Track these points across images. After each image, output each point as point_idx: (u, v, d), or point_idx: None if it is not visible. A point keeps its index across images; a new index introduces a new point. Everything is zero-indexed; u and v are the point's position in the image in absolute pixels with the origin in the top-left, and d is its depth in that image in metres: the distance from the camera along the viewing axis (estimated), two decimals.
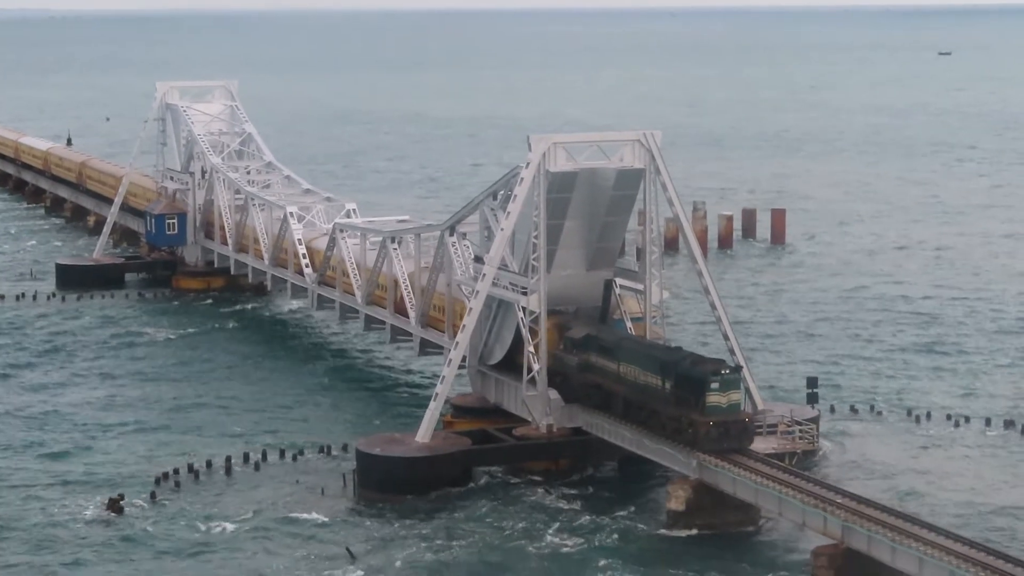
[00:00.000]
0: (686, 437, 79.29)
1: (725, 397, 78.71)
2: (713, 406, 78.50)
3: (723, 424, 78.47)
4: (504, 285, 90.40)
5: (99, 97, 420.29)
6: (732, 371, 79.97)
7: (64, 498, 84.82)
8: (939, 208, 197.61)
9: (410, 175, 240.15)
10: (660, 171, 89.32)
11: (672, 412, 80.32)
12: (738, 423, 79.05)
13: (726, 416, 78.64)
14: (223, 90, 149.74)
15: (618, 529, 79.30)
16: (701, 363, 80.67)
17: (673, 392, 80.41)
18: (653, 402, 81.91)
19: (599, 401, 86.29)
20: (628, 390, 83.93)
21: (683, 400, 79.76)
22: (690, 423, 78.89)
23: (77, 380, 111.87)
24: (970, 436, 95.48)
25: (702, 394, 78.57)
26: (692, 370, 79.83)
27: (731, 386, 79.05)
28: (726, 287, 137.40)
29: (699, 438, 78.48)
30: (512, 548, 77.16)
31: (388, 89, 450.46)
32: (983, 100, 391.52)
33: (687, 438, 79.23)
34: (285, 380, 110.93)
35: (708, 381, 78.42)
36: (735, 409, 79.42)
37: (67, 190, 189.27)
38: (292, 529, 79.98)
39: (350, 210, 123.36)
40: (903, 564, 67.73)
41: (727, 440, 78.53)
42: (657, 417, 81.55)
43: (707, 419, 78.30)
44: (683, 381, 79.90)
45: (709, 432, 78.23)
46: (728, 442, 78.51)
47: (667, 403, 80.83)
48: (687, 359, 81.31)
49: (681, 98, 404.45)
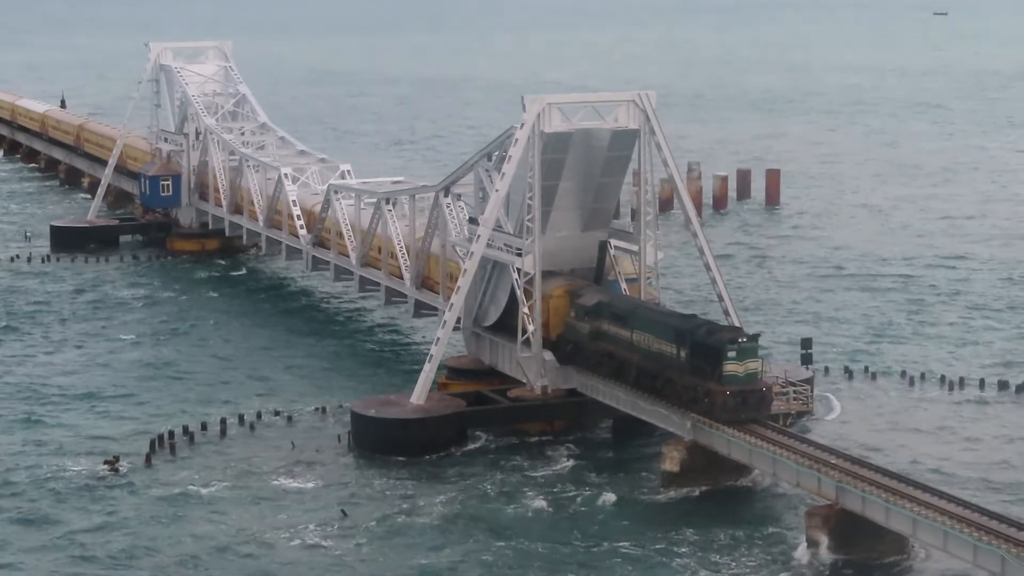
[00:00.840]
0: (702, 407, 77.64)
1: (742, 366, 76.92)
2: (730, 375, 76.75)
3: (740, 394, 76.72)
4: (499, 246, 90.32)
5: (89, 58, 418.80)
6: (750, 339, 78.03)
7: (59, 461, 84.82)
8: (932, 168, 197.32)
9: (405, 136, 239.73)
10: (655, 132, 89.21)
11: (688, 381, 78.58)
12: (756, 392, 77.23)
13: (744, 385, 76.90)
14: (217, 51, 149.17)
15: (613, 491, 79.30)
16: (718, 331, 78.98)
17: (688, 361, 78.63)
18: (668, 371, 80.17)
19: (611, 370, 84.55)
20: (641, 358, 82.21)
21: (699, 369, 77.98)
22: (706, 392, 77.20)
23: (71, 342, 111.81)
24: (964, 398, 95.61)
25: (719, 363, 76.81)
26: (708, 338, 78.00)
27: (748, 355, 77.32)
28: (721, 248, 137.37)
29: (716, 408, 76.85)
30: (506, 509, 77.26)
31: (383, 50, 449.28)
32: (973, 60, 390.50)
33: (703, 408, 77.60)
34: (280, 342, 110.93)
35: (725, 350, 76.74)
36: (753, 378, 77.51)
37: (62, 152, 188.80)
38: (287, 490, 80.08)
39: (345, 171, 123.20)
40: (897, 525, 67.91)
41: (744, 410, 76.88)
42: (672, 386, 79.89)
43: (724, 388, 76.57)
44: (699, 349, 78.06)
45: (726, 402, 76.57)
46: (746, 412, 76.93)
47: (682, 372, 79.05)
48: (703, 327, 79.69)
49: (670, 58, 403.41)
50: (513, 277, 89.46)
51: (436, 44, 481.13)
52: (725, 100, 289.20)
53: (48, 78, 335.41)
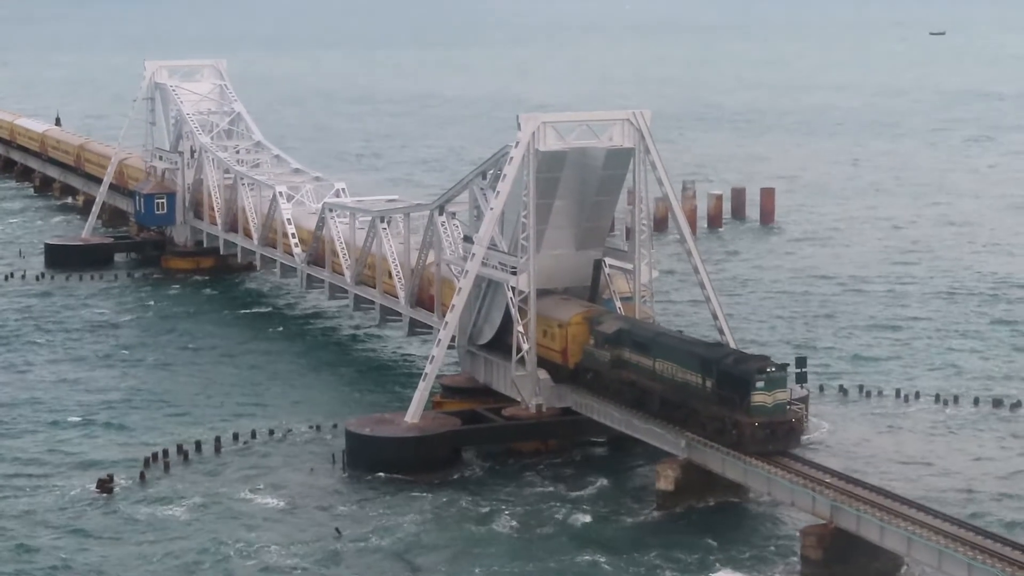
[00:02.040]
0: (729, 439, 75.56)
1: (771, 396, 74.92)
2: (759, 406, 74.70)
3: (769, 425, 74.65)
4: (493, 265, 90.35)
5: (84, 76, 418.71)
6: (778, 369, 75.79)
7: (53, 478, 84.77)
8: (928, 187, 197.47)
9: (399, 154, 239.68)
10: (650, 150, 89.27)
11: (714, 412, 76.55)
12: (785, 424, 75.15)
13: (772, 417, 74.80)
14: (212, 69, 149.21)
15: (607, 509, 79.29)
16: (745, 360, 76.98)
17: (715, 391, 76.61)
18: (693, 401, 78.17)
19: (633, 399, 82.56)
20: (665, 388, 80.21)
21: (726, 399, 76.00)
22: (734, 424, 75.13)
23: (65, 360, 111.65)
24: (959, 415, 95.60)
25: (747, 393, 74.86)
26: (736, 368, 76.07)
27: (777, 385, 75.26)
28: (715, 266, 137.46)
29: (744, 440, 74.78)
30: (500, 528, 77.20)
31: (378, 68, 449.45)
32: (978, 79, 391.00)
33: (730, 440, 75.52)
34: (274, 360, 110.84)
35: (753, 380, 74.76)
36: (781, 409, 75.35)
37: (57, 170, 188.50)
38: (280, 509, 79.97)
39: (339, 189, 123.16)
40: (892, 544, 67.87)
41: (774, 442, 74.77)
42: (697, 417, 77.84)
43: (752, 420, 74.55)
44: (726, 379, 76.10)
45: (755, 434, 74.50)
46: (775, 444, 74.77)
47: (708, 402, 77.02)
48: (730, 355, 77.81)
49: (660, 76, 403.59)
50: (508, 295, 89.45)
51: (431, 60, 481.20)
52: (719, 119, 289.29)
53: (36, 95, 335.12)
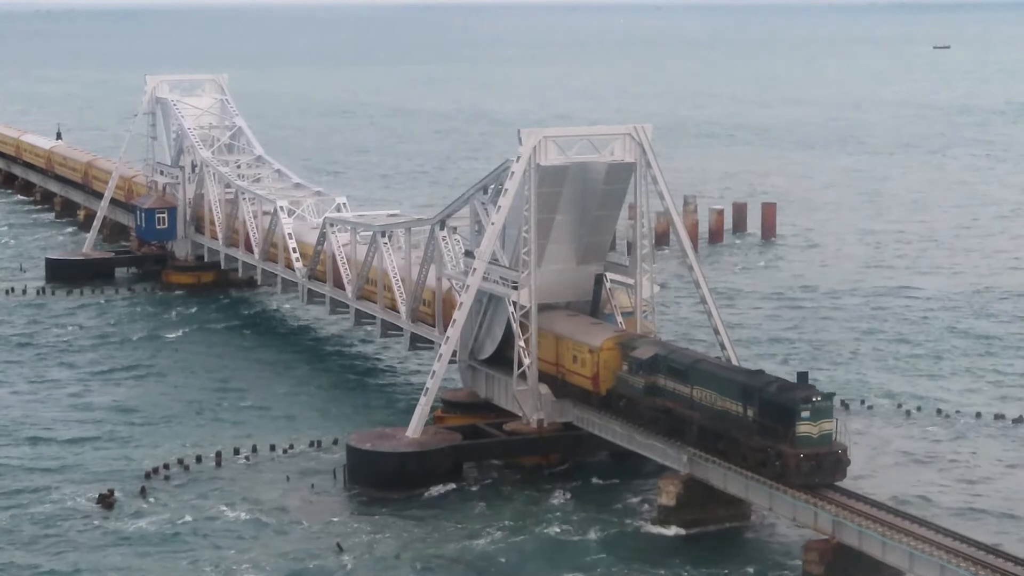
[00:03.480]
0: (773, 470, 73.17)
1: (816, 427, 72.38)
2: (804, 437, 72.15)
3: (815, 457, 72.11)
4: (494, 279, 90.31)
5: (86, 91, 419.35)
6: (824, 398, 73.25)
7: (55, 492, 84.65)
8: (929, 201, 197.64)
9: (400, 169, 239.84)
10: (651, 165, 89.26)
11: (756, 443, 74.04)
12: (831, 455, 72.55)
13: (818, 448, 72.23)
14: (213, 84, 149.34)
15: (609, 524, 79.19)
16: (789, 389, 74.23)
17: (757, 420, 74.15)
18: (733, 431, 75.58)
19: (669, 427, 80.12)
20: (704, 417, 77.64)
21: (769, 430, 73.46)
22: (778, 455, 72.71)
23: (66, 375, 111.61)
24: (960, 429, 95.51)
25: (791, 424, 72.32)
26: (779, 396, 73.47)
27: (823, 415, 72.62)
28: (717, 281, 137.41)
29: (788, 472, 72.37)
30: (502, 543, 77.09)
31: (376, 83, 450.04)
32: (978, 93, 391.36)
33: (774, 472, 73.12)
34: (275, 375, 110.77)
35: (798, 409, 72.23)
36: (827, 440, 72.71)
37: (57, 185, 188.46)
38: (282, 523, 79.87)
39: (340, 204, 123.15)
40: (894, 559, 67.76)
41: (819, 474, 72.31)
42: (738, 448, 75.37)
43: (797, 451, 72.02)
44: (769, 408, 73.62)
45: (800, 465, 72.08)
46: (821, 476, 72.32)
47: (750, 433, 74.54)
48: (773, 383, 75.01)
49: (668, 91, 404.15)
50: (509, 310, 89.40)
51: (432, 76, 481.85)
52: (722, 133, 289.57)
53: (30, 110, 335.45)
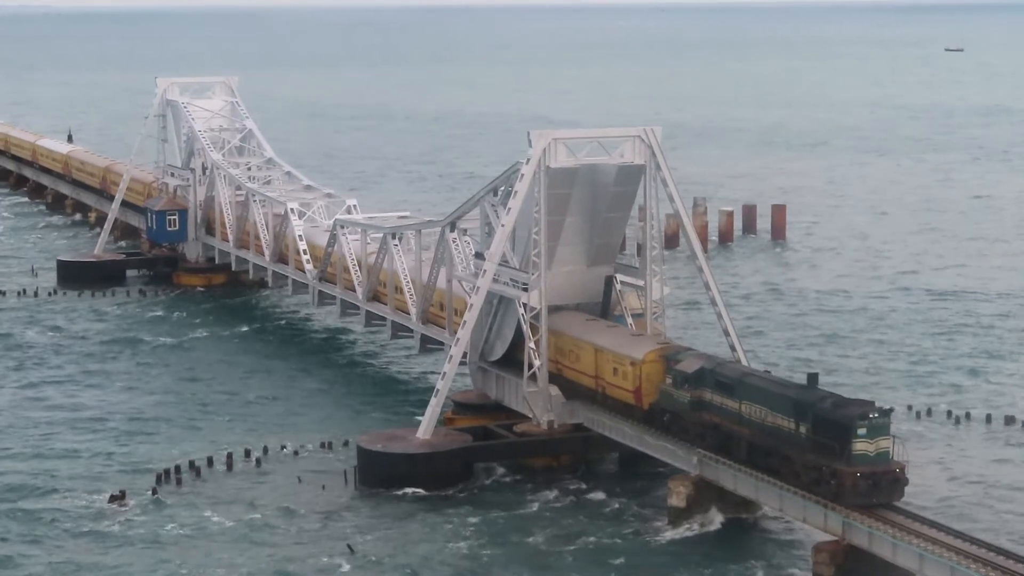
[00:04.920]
0: (827, 489, 70.85)
1: (873, 444, 70.26)
2: (860, 454, 69.97)
3: (872, 475, 69.99)
4: (505, 281, 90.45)
5: (96, 94, 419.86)
6: (881, 414, 71.05)
7: (65, 493, 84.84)
8: (938, 203, 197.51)
9: (411, 171, 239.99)
10: (660, 167, 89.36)
11: (810, 460, 71.72)
12: (888, 474, 70.43)
13: (875, 466, 70.16)
14: (223, 86, 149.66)
15: (619, 525, 79.26)
16: (845, 405, 72.00)
17: (811, 437, 71.84)
18: (785, 448, 73.32)
19: (716, 443, 77.84)
20: (753, 433, 75.56)
21: (823, 447, 71.16)
22: (833, 474, 70.43)
23: (78, 377, 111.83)
24: (971, 432, 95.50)
25: (847, 441, 70.09)
26: (834, 412, 71.12)
27: (880, 431, 70.47)
28: (727, 283, 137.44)
29: (844, 491, 70.06)
30: (513, 544, 77.20)
31: (386, 85, 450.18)
32: (993, 96, 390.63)
33: (829, 491, 70.79)
34: (286, 376, 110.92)
35: (855, 426, 70.03)
36: (884, 458, 70.60)
37: (68, 187, 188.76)
38: (293, 525, 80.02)
39: (351, 206, 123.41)
40: (904, 561, 67.73)
41: (876, 494, 70.25)
42: (790, 465, 73.06)
43: (853, 470, 69.82)
44: (823, 425, 71.31)
45: (856, 484, 69.89)
46: (878, 496, 70.27)
47: (803, 450, 72.26)
48: (827, 399, 72.60)
49: (673, 93, 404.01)
50: (519, 312, 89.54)
51: (441, 77, 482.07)
52: (732, 136, 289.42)
53: (41, 112, 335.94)
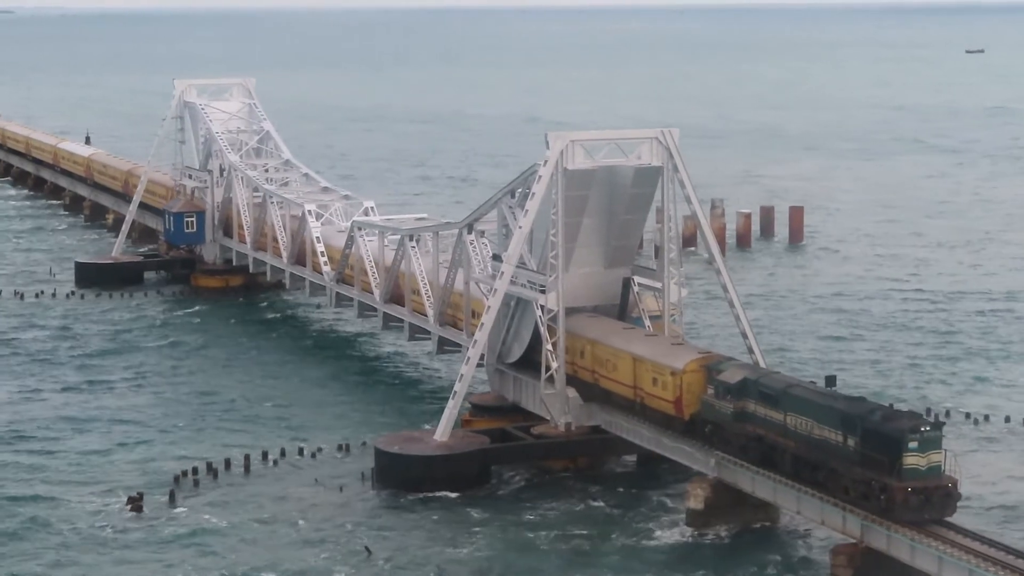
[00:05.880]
0: (877, 505, 69.39)
1: (925, 458, 68.65)
2: (911, 469, 68.47)
3: (923, 491, 68.38)
4: (522, 283, 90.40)
5: (113, 95, 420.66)
6: (933, 427, 69.68)
7: (83, 497, 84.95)
8: (958, 206, 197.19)
9: (428, 172, 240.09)
10: (678, 169, 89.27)
11: (858, 475, 70.31)
12: (940, 489, 68.74)
13: (926, 481, 68.52)
14: (241, 88, 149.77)
15: (637, 528, 79.21)
16: (895, 417, 70.51)
17: (859, 451, 70.39)
18: (832, 462, 71.89)
19: (760, 456, 76.37)
20: (799, 445, 73.99)
21: (872, 461, 69.76)
22: (883, 489, 68.95)
23: (95, 379, 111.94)
24: (991, 434, 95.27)
25: (898, 455, 68.60)
26: (884, 426, 69.65)
27: (932, 445, 68.89)
28: (744, 285, 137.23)
29: (895, 507, 68.50)
30: (530, 546, 77.14)
31: (404, 87, 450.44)
32: (1015, 97, 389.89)
33: (878, 506, 69.34)
34: (303, 378, 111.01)
35: (905, 440, 68.52)
36: (936, 472, 69.01)
37: (85, 188, 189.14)
38: (310, 527, 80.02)
39: (368, 208, 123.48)
40: (922, 563, 67.57)
41: (928, 510, 68.57)
42: (838, 479, 71.65)
43: (904, 485, 68.32)
44: (872, 438, 69.82)
45: (907, 500, 68.32)
46: (930, 512, 68.58)
47: (851, 464, 70.86)
48: (876, 411, 71.26)
49: (693, 96, 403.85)
50: (537, 314, 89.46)
51: (459, 79, 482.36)
52: (750, 137, 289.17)
53: (73, 113, 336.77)
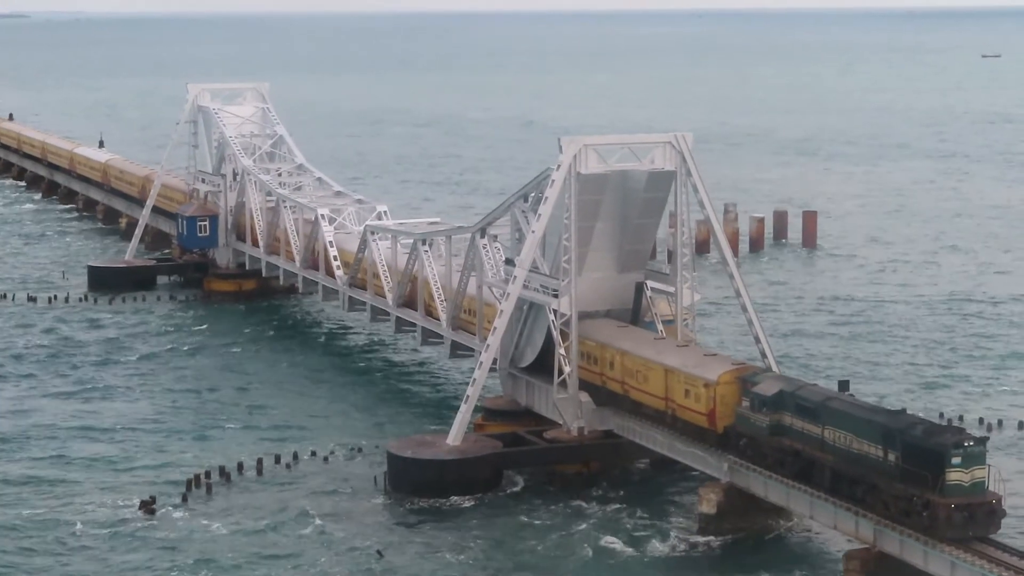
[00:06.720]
0: (919, 522, 67.95)
1: (968, 474, 67.11)
2: (954, 485, 66.92)
3: (967, 507, 66.90)
4: (535, 287, 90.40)
5: (126, 100, 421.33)
6: (976, 443, 67.90)
7: (96, 499, 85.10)
8: (971, 210, 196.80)
9: (441, 177, 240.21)
10: (691, 173, 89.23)
11: (899, 491, 68.98)
12: (984, 505, 67.24)
13: (970, 497, 67.02)
14: (254, 92, 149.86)
15: (649, 532, 79.16)
16: (938, 432, 69.03)
17: (900, 466, 69.10)
18: (872, 477, 70.70)
19: (797, 470, 75.04)
20: (837, 460, 72.78)
21: (914, 476, 68.23)
22: (925, 505, 67.54)
23: (108, 382, 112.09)
24: (1004, 440, 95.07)
25: (941, 470, 67.10)
26: (927, 441, 68.22)
27: (975, 461, 67.36)
28: (757, 289, 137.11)
29: (938, 524, 67.04)
30: (542, 551, 77.15)
31: (417, 91, 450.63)
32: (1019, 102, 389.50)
33: (920, 523, 67.92)
34: (316, 382, 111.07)
35: (948, 455, 67.00)
36: (980, 489, 67.43)
37: (99, 192, 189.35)
38: (322, 531, 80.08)
39: (381, 212, 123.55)
40: (935, 568, 67.48)
41: (972, 526, 67.08)
42: (878, 495, 70.31)
43: (948, 501, 66.83)
44: (914, 453, 68.41)
45: (951, 517, 66.85)
46: (974, 529, 67.09)
47: (891, 479, 69.57)
48: (918, 426, 69.77)
49: (707, 100, 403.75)
50: (549, 318, 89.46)
51: (468, 84, 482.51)
52: (762, 142, 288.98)
53: (86, 117, 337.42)
